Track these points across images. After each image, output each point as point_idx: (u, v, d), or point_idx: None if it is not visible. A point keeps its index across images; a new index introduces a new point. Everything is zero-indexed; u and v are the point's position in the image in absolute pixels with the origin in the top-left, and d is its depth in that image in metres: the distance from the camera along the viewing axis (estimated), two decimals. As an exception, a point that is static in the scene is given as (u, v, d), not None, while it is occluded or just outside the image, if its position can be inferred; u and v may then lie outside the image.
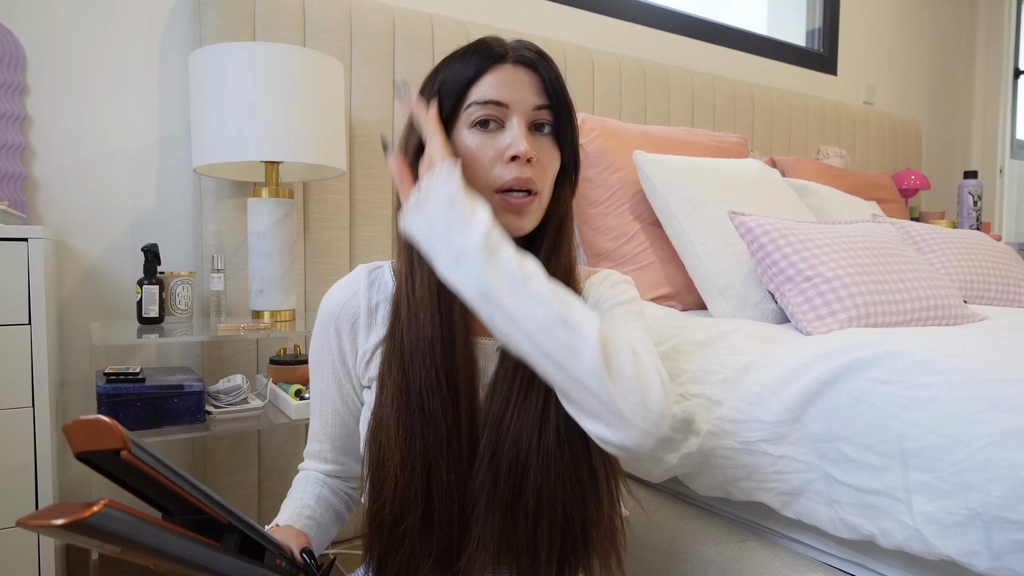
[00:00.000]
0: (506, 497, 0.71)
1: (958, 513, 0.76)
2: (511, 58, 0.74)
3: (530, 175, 0.72)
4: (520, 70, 0.74)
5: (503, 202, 0.72)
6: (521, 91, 0.73)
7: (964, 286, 1.61)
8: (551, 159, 0.75)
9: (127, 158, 1.61)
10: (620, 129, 1.76)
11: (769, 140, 2.69)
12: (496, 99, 0.73)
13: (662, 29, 2.50)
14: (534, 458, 0.71)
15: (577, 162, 0.80)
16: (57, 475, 1.33)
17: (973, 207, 2.79)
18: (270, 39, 1.63)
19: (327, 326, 0.82)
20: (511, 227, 0.73)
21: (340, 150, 1.54)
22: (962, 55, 3.72)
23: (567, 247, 0.80)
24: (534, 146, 0.73)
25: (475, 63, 0.73)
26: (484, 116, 0.73)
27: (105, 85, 1.58)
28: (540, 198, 0.74)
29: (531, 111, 0.73)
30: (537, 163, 0.73)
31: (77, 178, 1.56)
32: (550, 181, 0.76)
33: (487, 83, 0.73)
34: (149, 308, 1.42)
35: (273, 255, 1.48)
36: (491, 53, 0.74)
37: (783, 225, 1.30)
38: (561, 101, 0.75)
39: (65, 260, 1.56)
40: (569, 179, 0.80)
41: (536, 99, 0.74)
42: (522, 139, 0.71)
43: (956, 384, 0.81)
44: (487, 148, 0.73)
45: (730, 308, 1.37)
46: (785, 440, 0.96)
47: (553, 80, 0.75)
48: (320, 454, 0.87)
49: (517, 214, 0.73)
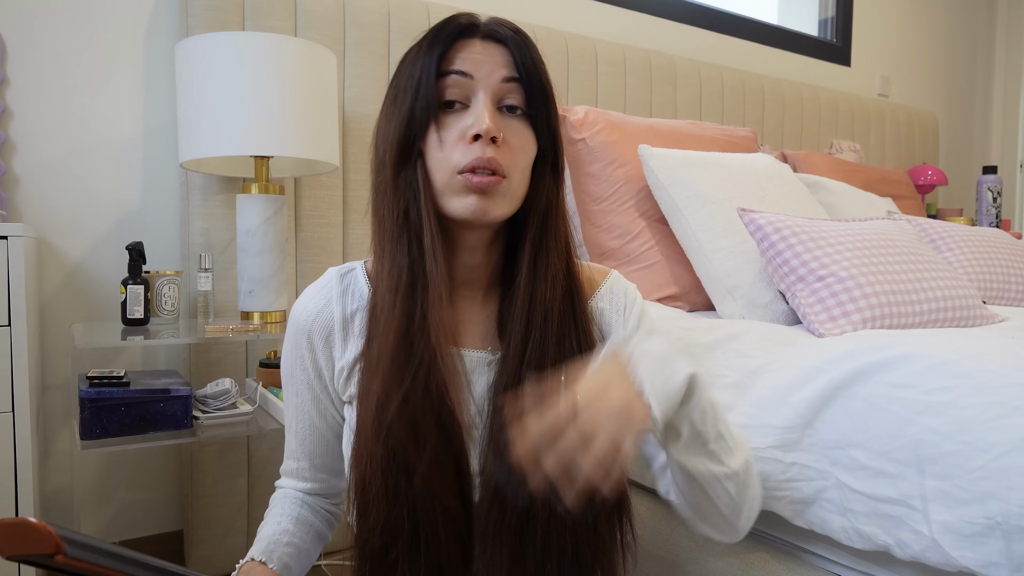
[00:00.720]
0: (514, 526, 0.70)
1: (977, 523, 0.76)
2: (480, 32, 0.71)
3: (493, 155, 0.68)
4: (490, 44, 0.71)
5: (464, 182, 0.68)
6: (487, 63, 0.70)
7: (983, 286, 1.61)
8: (523, 142, 0.72)
9: (111, 153, 1.61)
10: (624, 122, 1.76)
11: (780, 134, 2.69)
12: (457, 68, 0.69)
13: (669, 18, 2.50)
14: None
15: (557, 149, 0.76)
16: (38, 481, 1.33)
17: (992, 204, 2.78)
18: (260, 29, 1.63)
19: (299, 339, 0.79)
20: (475, 210, 0.69)
21: (333, 144, 1.54)
22: (981, 45, 3.72)
23: (560, 246, 0.75)
24: (502, 126, 0.70)
25: (442, 41, 0.70)
26: (448, 96, 0.70)
27: (88, 77, 1.58)
28: (510, 182, 0.70)
29: (498, 84, 0.70)
30: (505, 144, 0.70)
31: (59, 173, 1.56)
32: (523, 166, 0.72)
33: (452, 58, 0.70)
34: (134, 309, 1.42)
35: (263, 254, 1.48)
36: (458, 27, 0.71)
37: (795, 222, 1.30)
38: (534, 79, 0.71)
39: (47, 259, 1.56)
40: (550, 168, 0.75)
41: (504, 71, 0.70)
42: (485, 116, 0.68)
43: (975, 388, 0.81)
44: (450, 129, 0.70)
45: (739, 309, 1.37)
46: (797, 447, 0.96)
47: (526, 57, 0.71)
48: (299, 472, 0.85)
49: (481, 194, 0.69)
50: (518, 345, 0.73)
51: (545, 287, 0.73)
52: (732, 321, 1.28)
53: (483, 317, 0.78)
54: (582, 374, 0.62)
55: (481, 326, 0.78)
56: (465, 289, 0.78)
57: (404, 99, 0.71)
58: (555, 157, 0.75)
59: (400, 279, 0.70)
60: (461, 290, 0.78)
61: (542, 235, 0.74)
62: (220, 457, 1.58)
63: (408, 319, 0.69)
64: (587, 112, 1.72)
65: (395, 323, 0.69)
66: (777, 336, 1.13)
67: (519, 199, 0.73)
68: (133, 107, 1.63)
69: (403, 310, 0.69)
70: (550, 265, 0.74)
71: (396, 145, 0.71)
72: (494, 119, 0.69)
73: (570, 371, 0.69)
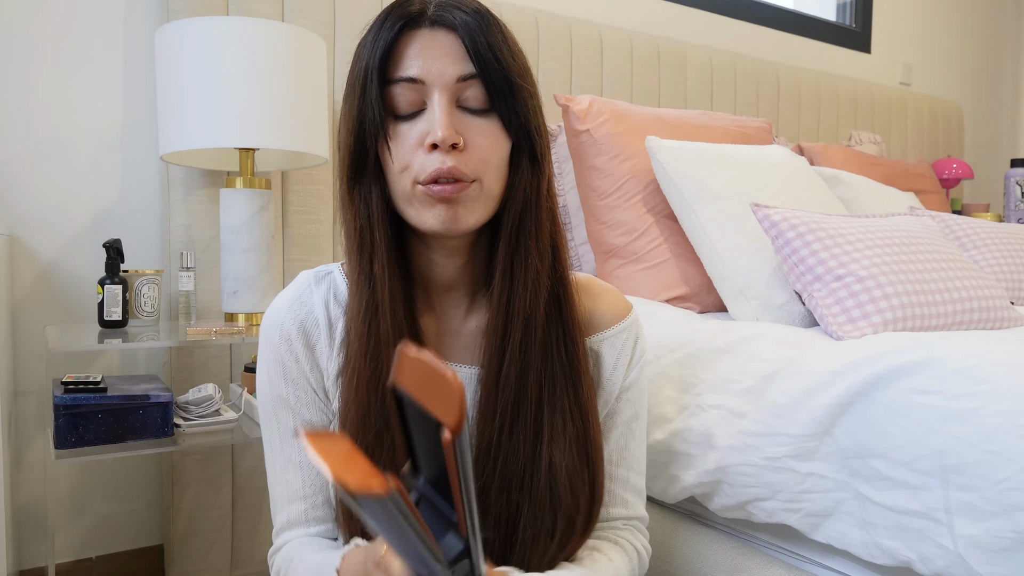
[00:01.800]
0: (496, 550, 0.70)
1: (1005, 536, 0.76)
2: (428, 20, 0.67)
3: (454, 164, 0.64)
4: (439, 33, 0.66)
5: (427, 194, 0.65)
6: (439, 60, 0.65)
7: (1011, 286, 1.61)
8: (491, 139, 0.68)
9: (87, 145, 1.61)
10: (631, 113, 1.76)
11: (796, 125, 2.69)
12: (406, 75, 0.66)
13: (678, 3, 2.50)
14: (525, 506, 0.69)
15: (532, 137, 0.70)
16: (9, 493, 1.33)
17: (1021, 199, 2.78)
18: (245, 13, 1.63)
19: (280, 351, 0.74)
20: (444, 221, 0.66)
21: (322, 136, 1.54)
22: (1009, 32, 3.72)
23: (542, 244, 0.71)
24: (463, 128, 0.66)
25: (386, 33, 0.66)
26: (399, 106, 0.67)
27: (63, 65, 1.58)
28: (481, 184, 0.67)
29: (453, 84, 0.66)
30: (469, 147, 0.66)
31: (32, 167, 1.56)
32: (495, 164, 0.68)
33: (400, 58, 0.66)
34: (111, 310, 1.42)
35: (248, 252, 1.48)
36: (404, 15, 0.66)
37: (811, 219, 1.30)
38: (492, 70, 0.66)
39: (19, 257, 1.56)
40: (528, 160, 0.71)
41: (458, 68, 0.66)
42: (440, 123, 0.64)
43: (1002, 395, 0.81)
44: (406, 138, 0.67)
45: (753, 310, 1.37)
46: (814, 456, 0.96)
47: (481, 44, 0.65)
48: (308, 514, 0.75)
49: (448, 203, 0.66)
50: (494, 359, 0.70)
51: (525, 291, 0.70)
52: (745, 323, 1.28)
53: (471, 327, 0.76)
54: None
55: (468, 337, 0.76)
56: (450, 297, 0.76)
57: (354, 102, 0.68)
58: (531, 147, 0.71)
59: (360, 301, 0.69)
60: (445, 298, 0.76)
61: (519, 233, 0.70)
62: (203, 467, 1.58)
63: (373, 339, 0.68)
64: (591, 102, 1.72)
65: (362, 347, 0.68)
66: (793, 339, 1.14)
67: (496, 199, 0.70)
68: (111, 97, 1.63)
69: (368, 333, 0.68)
70: (529, 267, 0.70)
71: (348, 155, 0.69)
72: (451, 124, 0.65)
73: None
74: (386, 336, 0.68)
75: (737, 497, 1.04)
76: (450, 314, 0.76)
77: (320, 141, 1.53)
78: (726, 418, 1.06)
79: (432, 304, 0.76)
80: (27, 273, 1.57)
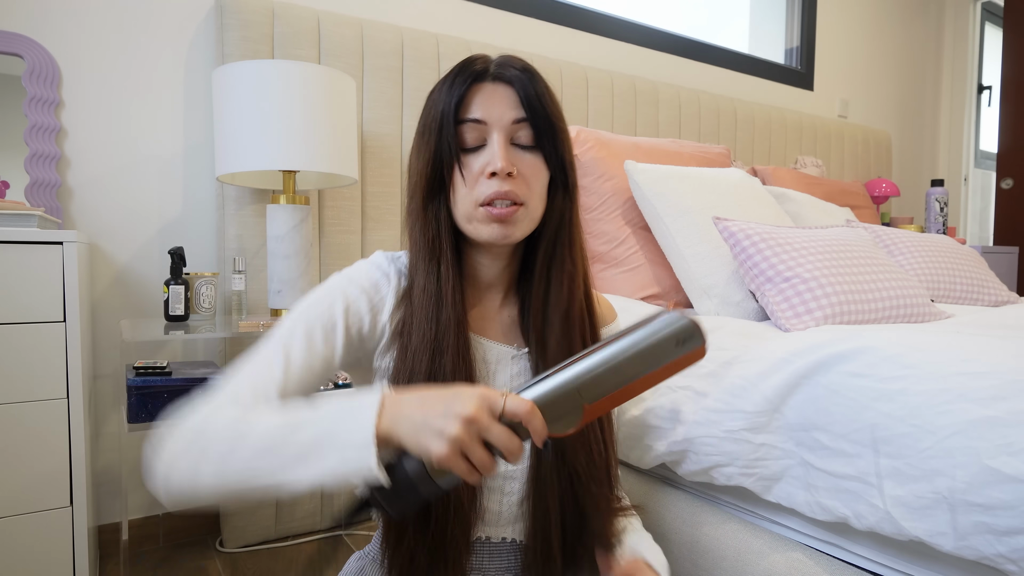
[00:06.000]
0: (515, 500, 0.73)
1: (925, 497, 0.76)
2: (491, 76, 0.72)
3: (509, 188, 0.70)
4: (499, 87, 0.72)
5: (487, 214, 0.71)
6: (498, 107, 0.71)
7: (931, 286, 1.61)
8: (536, 171, 0.73)
9: (155, 167, 1.61)
10: (612, 140, 1.76)
11: (751, 151, 2.69)
12: (473, 117, 0.71)
13: (651, 48, 2.50)
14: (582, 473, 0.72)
15: (567, 171, 0.76)
16: (90, 460, 1.33)
17: (940, 213, 2.78)
18: (288, 57, 1.63)
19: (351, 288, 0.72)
20: (498, 236, 0.71)
21: (352, 160, 1.54)
22: (930, 72, 3.72)
23: (572, 253, 0.76)
24: (515, 160, 0.71)
25: (459, 86, 0.72)
26: (468, 141, 0.72)
27: (134, 99, 1.58)
28: (527, 208, 0.72)
29: (509, 125, 0.71)
30: (519, 176, 0.71)
31: (108, 186, 1.56)
32: (538, 191, 0.73)
33: (468, 104, 0.72)
34: (175, 306, 1.42)
35: (290, 257, 1.48)
36: (472, 73, 0.72)
37: (763, 230, 1.30)
38: (540, 114, 0.72)
39: (97, 262, 1.56)
40: (562, 188, 0.76)
41: (513, 113, 0.71)
42: (499, 156, 0.70)
43: (924, 377, 0.81)
44: (471, 167, 0.72)
45: (714, 306, 1.37)
46: (765, 429, 0.96)
47: (531, 94, 0.71)
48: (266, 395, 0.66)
49: (502, 223, 0.71)
50: (539, 341, 0.75)
51: (560, 289, 0.75)
52: (708, 317, 1.28)
53: (505, 315, 0.80)
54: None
55: (502, 324, 0.80)
56: (489, 291, 0.80)
57: (430, 138, 0.73)
58: (565, 178, 0.76)
59: (428, 293, 0.72)
60: (486, 292, 0.80)
61: (556, 242, 0.76)
62: (252, 438, 1.58)
63: (436, 322, 0.71)
64: (579, 131, 1.72)
65: (429, 326, 0.71)
66: (748, 331, 1.13)
67: (537, 219, 0.75)
68: (174, 127, 1.63)
69: (433, 316, 0.71)
70: (564, 270, 0.75)
71: (424, 180, 0.73)
72: (507, 157, 0.70)
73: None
74: (446, 319, 0.71)
75: (701, 464, 1.04)
76: (488, 304, 0.80)
77: (351, 164, 1.52)
78: (692, 397, 1.06)
79: (476, 297, 0.79)
80: (105, 275, 1.57)
